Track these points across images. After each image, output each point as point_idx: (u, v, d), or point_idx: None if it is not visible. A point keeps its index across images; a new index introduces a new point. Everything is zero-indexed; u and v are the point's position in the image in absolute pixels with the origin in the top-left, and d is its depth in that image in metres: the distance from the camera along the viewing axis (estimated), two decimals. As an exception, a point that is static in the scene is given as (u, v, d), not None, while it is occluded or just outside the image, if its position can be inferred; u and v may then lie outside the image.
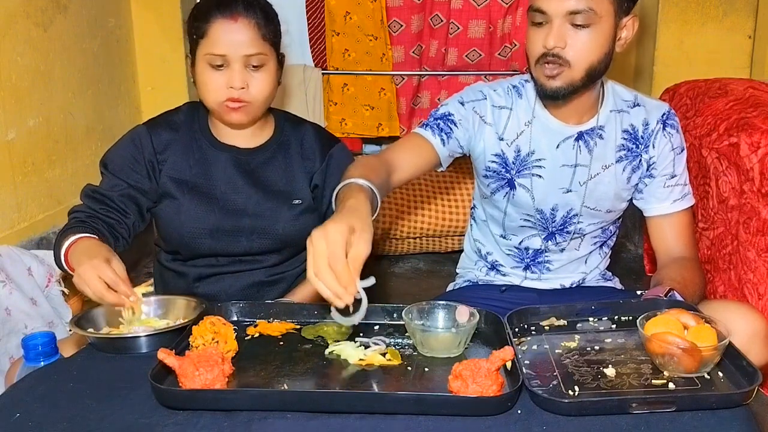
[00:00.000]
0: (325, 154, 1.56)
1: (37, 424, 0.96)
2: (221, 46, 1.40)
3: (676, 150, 1.50)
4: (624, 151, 1.49)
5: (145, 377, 0.99)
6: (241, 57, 1.40)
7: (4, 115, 2.00)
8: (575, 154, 1.48)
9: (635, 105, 1.50)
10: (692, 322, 1.09)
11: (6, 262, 1.74)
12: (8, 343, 1.65)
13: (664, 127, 1.49)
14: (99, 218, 1.42)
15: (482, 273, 1.65)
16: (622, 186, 1.50)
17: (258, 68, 1.42)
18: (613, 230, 1.61)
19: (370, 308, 1.28)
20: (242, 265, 1.53)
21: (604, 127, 1.48)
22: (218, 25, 1.40)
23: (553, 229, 1.53)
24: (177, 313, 1.29)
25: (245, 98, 1.42)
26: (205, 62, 1.41)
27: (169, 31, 2.82)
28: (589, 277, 1.61)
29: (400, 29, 2.89)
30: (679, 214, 1.51)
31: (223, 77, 1.41)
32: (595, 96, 1.46)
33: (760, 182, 1.76)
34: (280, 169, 1.54)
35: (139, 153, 1.49)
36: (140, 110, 2.88)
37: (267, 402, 0.98)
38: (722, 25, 2.79)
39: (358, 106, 2.97)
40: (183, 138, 1.52)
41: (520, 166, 1.50)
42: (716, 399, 0.97)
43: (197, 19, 1.43)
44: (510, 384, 1.01)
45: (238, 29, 1.40)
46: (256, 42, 1.41)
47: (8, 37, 2.02)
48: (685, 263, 1.45)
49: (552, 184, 1.49)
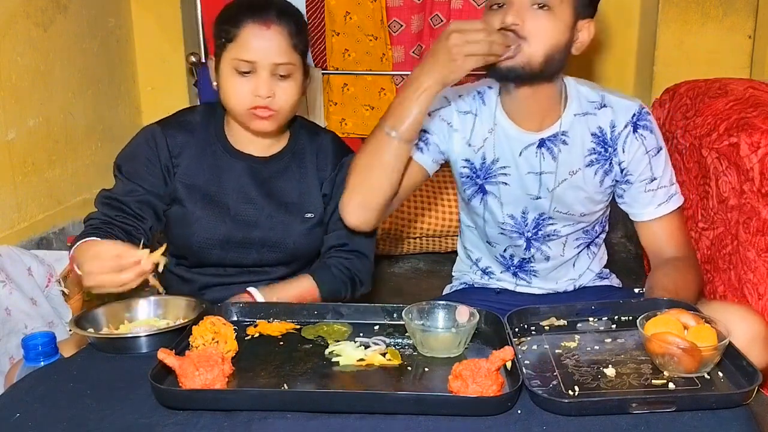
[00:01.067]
0: (337, 163, 1.53)
1: (37, 424, 0.96)
2: (251, 51, 1.36)
3: (651, 152, 1.43)
4: (594, 155, 1.43)
5: (145, 377, 0.99)
6: (270, 65, 1.37)
7: (4, 115, 2.00)
8: (539, 162, 1.43)
9: (602, 106, 1.43)
10: (692, 322, 1.09)
11: (6, 262, 1.74)
12: (8, 343, 1.65)
13: (635, 129, 1.42)
14: (115, 225, 1.38)
15: (477, 276, 1.64)
16: (594, 190, 1.46)
17: (285, 78, 1.39)
18: (599, 230, 1.58)
19: (369, 308, 1.29)
20: (250, 275, 1.51)
21: (568, 133, 1.42)
22: (249, 30, 1.36)
23: (528, 234, 1.51)
24: (177, 313, 1.29)
25: (272, 107, 1.39)
26: (232, 67, 1.38)
27: (169, 31, 2.82)
28: (583, 281, 1.59)
29: (400, 29, 2.89)
30: (666, 217, 1.46)
31: (248, 84, 1.37)
32: (556, 98, 1.42)
33: (760, 182, 1.76)
34: (293, 179, 1.51)
35: (154, 156, 1.45)
36: (140, 110, 2.88)
37: (267, 402, 0.98)
38: (722, 25, 2.79)
39: (358, 106, 2.97)
40: (197, 141, 1.48)
41: (487, 173, 1.48)
42: (716, 399, 0.97)
43: (227, 21, 1.40)
44: (510, 384, 1.01)
45: (270, 36, 1.36)
46: (286, 51, 1.38)
47: (8, 37, 2.02)
48: (678, 265, 1.42)
49: (519, 191, 1.47)
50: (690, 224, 2.15)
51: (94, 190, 2.46)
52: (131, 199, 1.42)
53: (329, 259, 1.52)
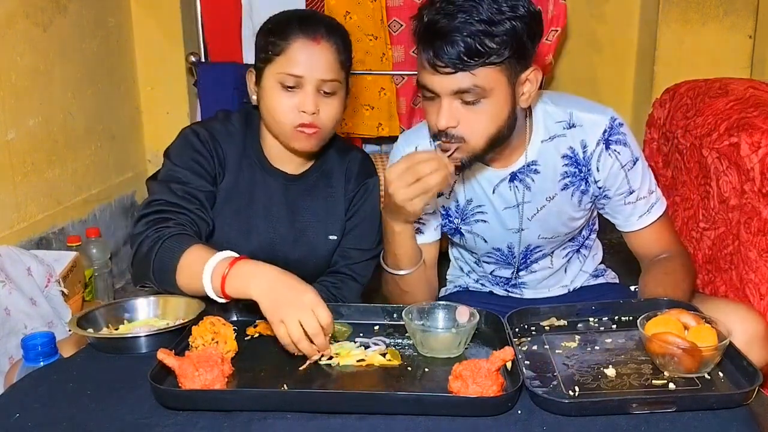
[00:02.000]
0: (360, 183, 1.51)
1: (37, 424, 0.96)
2: (299, 66, 1.32)
3: (626, 166, 1.37)
4: (568, 178, 1.38)
5: (144, 377, 0.99)
6: (317, 80, 1.33)
7: (4, 115, 2.00)
8: (514, 195, 1.40)
9: (571, 126, 1.36)
10: (692, 323, 1.09)
11: (5, 262, 1.74)
12: (8, 343, 1.65)
13: (607, 146, 1.35)
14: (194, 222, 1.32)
15: (471, 280, 1.64)
16: (573, 209, 1.42)
17: (329, 95, 1.36)
18: (586, 233, 1.56)
19: (369, 308, 1.28)
20: None
21: (537, 161, 1.37)
22: (299, 45, 1.33)
23: (517, 264, 1.50)
24: (177, 313, 1.28)
25: (317, 123, 1.35)
26: (276, 81, 1.34)
27: (169, 31, 2.82)
28: (576, 283, 1.58)
29: (400, 29, 2.88)
30: (650, 226, 1.43)
31: (293, 99, 1.33)
32: (518, 135, 1.34)
33: (761, 182, 1.76)
34: (320, 198, 1.49)
35: (210, 157, 1.40)
36: (140, 110, 2.87)
37: (267, 402, 0.98)
38: (723, 24, 2.79)
39: (358, 106, 2.96)
40: (237, 152, 1.44)
41: (463, 215, 1.46)
42: (717, 399, 0.97)
43: (274, 34, 1.35)
44: (510, 384, 1.01)
45: (320, 52, 1.33)
46: (333, 67, 1.35)
47: (8, 37, 2.02)
48: (667, 267, 1.40)
49: (500, 227, 1.44)
50: (691, 224, 2.15)
51: (93, 190, 2.49)
52: (201, 194, 1.36)
53: (316, 284, 1.50)
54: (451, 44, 1.16)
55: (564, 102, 1.39)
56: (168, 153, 1.42)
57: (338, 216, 1.50)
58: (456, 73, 1.18)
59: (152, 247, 1.24)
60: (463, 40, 1.15)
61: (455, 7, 1.16)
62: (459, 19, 1.15)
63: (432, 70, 1.19)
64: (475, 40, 1.15)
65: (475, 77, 1.18)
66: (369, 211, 1.52)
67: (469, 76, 1.18)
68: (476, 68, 1.17)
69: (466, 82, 1.18)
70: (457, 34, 1.15)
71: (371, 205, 1.53)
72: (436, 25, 1.17)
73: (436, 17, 1.17)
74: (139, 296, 1.31)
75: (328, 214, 1.49)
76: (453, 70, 1.17)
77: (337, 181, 1.51)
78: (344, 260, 1.52)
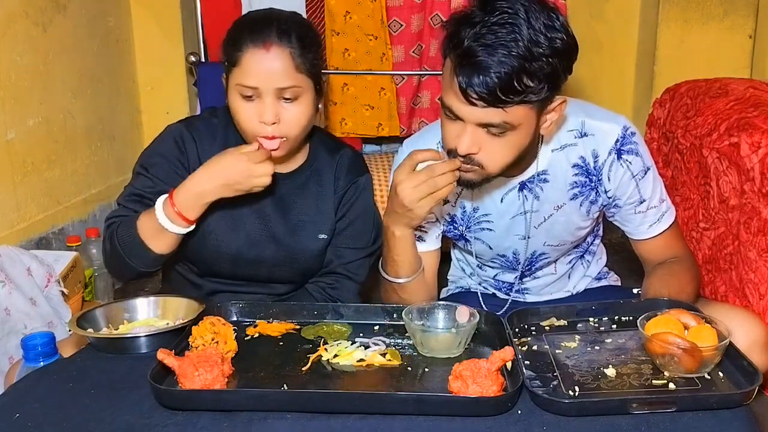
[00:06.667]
0: (351, 181, 1.50)
1: (37, 424, 0.96)
2: (252, 77, 1.28)
3: (638, 176, 1.36)
4: (578, 187, 1.36)
5: (145, 377, 0.99)
6: (273, 90, 1.29)
7: (4, 115, 2.00)
8: (522, 203, 1.38)
9: (583, 134, 1.33)
10: (692, 323, 1.09)
11: (5, 262, 1.74)
12: (8, 343, 1.65)
13: (619, 155, 1.33)
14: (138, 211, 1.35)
15: (474, 282, 1.63)
16: (581, 219, 1.41)
17: (292, 100, 1.31)
18: (591, 240, 1.55)
19: (369, 308, 1.28)
20: (258, 287, 1.50)
21: (548, 171, 1.35)
22: (250, 55, 1.28)
23: (522, 269, 1.49)
24: (177, 313, 1.28)
25: (277, 134, 1.31)
26: (237, 92, 1.31)
27: (169, 31, 2.81)
28: (579, 288, 1.58)
29: (400, 29, 2.88)
30: (660, 235, 1.42)
31: (254, 108, 1.31)
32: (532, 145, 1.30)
33: (761, 182, 1.76)
34: (310, 197, 1.48)
35: (183, 157, 1.41)
36: (140, 110, 2.87)
37: (267, 402, 0.98)
38: (723, 24, 2.79)
39: (358, 106, 2.96)
40: (219, 149, 1.38)
41: (469, 223, 1.44)
42: (717, 399, 0.97)
43: (229, 43, 1.33)
44: (510, 384, 1.01)
45: (271, 59, 1.28)
46: (289, 73, 1.29)
47: (8, 37, 2.02)
48: (674, 268, 1.40)
49: (506, 235, 1.43)
50: (691, 224, 2.15)
51: (93, 190, 2.49)
52: (146, 193, 1.38)
53: (312, 285, 1.51)
54: (487, 80, 1.11)
55: (575, 109, 1.35)
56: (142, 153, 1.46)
57: (328, 214, 1.49)
58: (487, 108, 1.14)
59: (111, 239, 1.36)
60: (500, 78, 1.11)
61: (496, 39, 1.11)
62: (499, 56, 1.10)
63: (463, 98, 1.15)
64: (513, 78, 1.11)
65: (506, 114, 1.15)
66: (361, 210, 1.51)
67: (500, 112, 1.14)
68: (509, 106, 1.14)
69: (497, 118, 1.15)
70: (494, 72, 1.10)
71: (363, 203, 1.51)
72: (474, 56, 1.12)
73: (475, 47, 1.12)
74: (139, 296, 1.31)
75: (318, 211, 1.49)
76: (485, 105, 1.14)
77: (326, 179, 1.49)
78: (339, 260, 1.51)
